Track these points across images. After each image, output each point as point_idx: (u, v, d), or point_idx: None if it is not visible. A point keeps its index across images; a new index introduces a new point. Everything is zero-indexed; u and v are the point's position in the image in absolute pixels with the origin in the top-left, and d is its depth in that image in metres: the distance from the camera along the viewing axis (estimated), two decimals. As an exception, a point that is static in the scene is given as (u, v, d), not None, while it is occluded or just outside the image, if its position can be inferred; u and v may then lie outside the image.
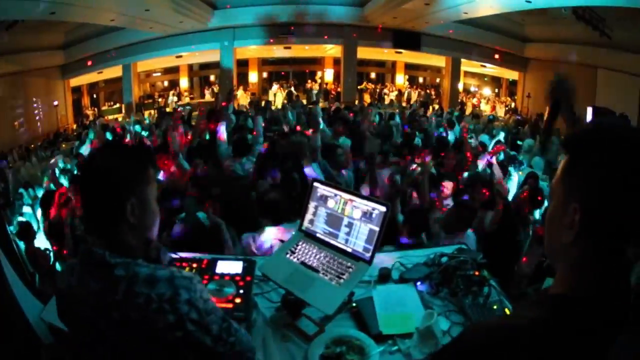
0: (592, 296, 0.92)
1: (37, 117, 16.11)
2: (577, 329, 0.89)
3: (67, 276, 1.45)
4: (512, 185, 6.55)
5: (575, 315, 0.91)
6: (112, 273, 1.34)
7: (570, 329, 0.89)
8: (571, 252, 0.96)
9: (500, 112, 20.01)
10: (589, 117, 13.05)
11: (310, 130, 5.94)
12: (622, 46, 12.85)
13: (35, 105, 16.04)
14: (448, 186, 4.97)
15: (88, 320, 1.39)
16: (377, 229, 2.09)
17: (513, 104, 20.11)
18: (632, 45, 12.56)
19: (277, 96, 20.68)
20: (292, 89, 21.62)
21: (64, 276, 1.47)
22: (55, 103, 17.06)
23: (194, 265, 2.20)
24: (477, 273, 2.35)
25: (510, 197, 5.39)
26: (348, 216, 2.19)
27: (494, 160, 6.00)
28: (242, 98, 19.90)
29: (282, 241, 2.69)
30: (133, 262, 1.37)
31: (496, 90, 21.84)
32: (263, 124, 6.92)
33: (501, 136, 10.04)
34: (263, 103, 14.90)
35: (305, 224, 2.34)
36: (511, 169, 6.75)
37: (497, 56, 18.77)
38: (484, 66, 20.69)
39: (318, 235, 2.28)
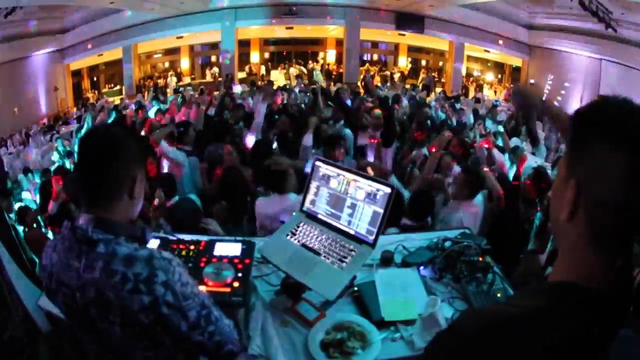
0: (589, 285, 0.87)
1: (37, 102, 16.01)
2: (574, 320, 0.85)
3: (51, 252, 1.43)
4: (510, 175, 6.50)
5: (572, 305, 0.86)
6: (94, 250, 1.33)
7: (566, 319, 0.85)
8: (569, 232, 0.92)
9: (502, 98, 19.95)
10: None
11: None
12: (627, 40, 12.76)
13: (35, 90, 15.93)
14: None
15: (68, 297, 1.38)
16: (381, 210, 2.04)
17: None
18: (638, 39, 12.47)
19: (279, 77, 20.64)
20: (303, 68, 21.58)
21: (48, 252, 1.45)
22: (55, 87, 16.97)
23: (192, 247, 2.14)
24: (481, 259, 2.32)
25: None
26: (351, 197, 2.13)
27: (491, 145, 5.97)
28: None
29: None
30: (115, 239, 1.36)
31: (499, 76, 21.73)
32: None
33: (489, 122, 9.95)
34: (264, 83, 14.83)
35: (307, 204, 2.29)
36: (513, 158, 6.66)
37: (501, 42, 18.66)
38: (488, 51, 20.56)
39: (320, 216, 2.23)
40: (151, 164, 5.45)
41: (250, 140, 6.23)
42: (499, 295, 2.14)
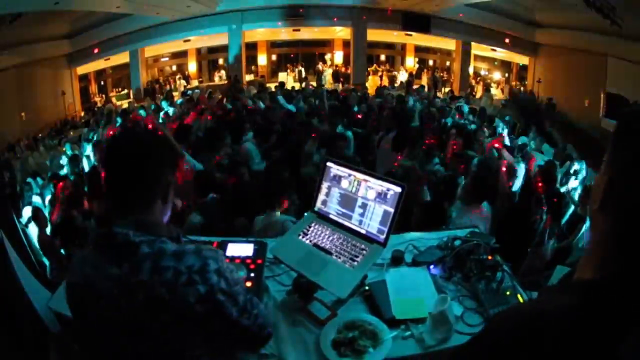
0: (619, 281, 0.88)
1: (44, 107, 16.07)
2: (607, 316, 0.85)
3: (81, 267, 1.41)
4: (519, 174, 6.48)
5: (605, 301, 0.87)
6: (137, 252, 1.32)
7: (601, 316, 0.86)
8: (600, 227, 0.95)
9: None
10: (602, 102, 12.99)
11: None
12: (632, 35, 12.70)
13: (42, 95, 15.99)
14: None
15: (108, 308, 1.35)
16: (392, 210, 2.06)
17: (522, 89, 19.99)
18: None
19: (288, 79, 20.67)
20: (302, 69, 21.62)
21: (76, 269, 1.44)
22: (63, 92, 17.04)
23: (203, 248, 2.17)
24: (490, 257, 2.33)
25: (516, 187, 5.32)
26: (362, 197, 2.15)
27: (500, 145, 5.96)
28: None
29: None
30: (158, 239, 1.36)
31: (506, 75, 21.67)
32: None
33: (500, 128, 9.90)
34: (274, 86, 14.82)
35: (318, 204, 2.31)
36: (518, 158, 6.64)
37: (507, 40, 18.61)
38: (494, 50, 20.52)
39: (331, 216, 2.25)
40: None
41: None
42: (508, 293, 2.15)
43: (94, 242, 1.42)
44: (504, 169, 5.16)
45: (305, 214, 2.36)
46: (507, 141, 7.11)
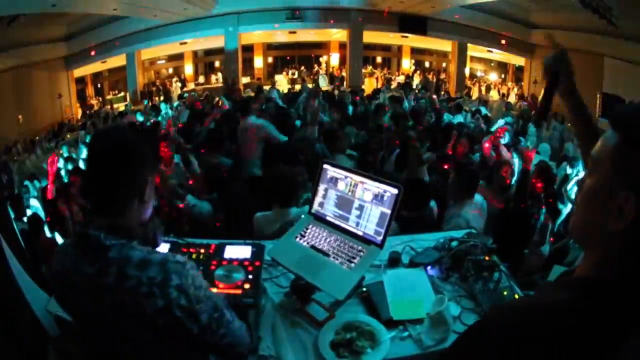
0: (630, 283, 0.86)
1: (41, 109, 16.03)
2: (610, 313, 0.84)
3: (62, 258, 1.44)
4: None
5: (610, 298, 0.85)
6: (106, 255, 1.34)
7: (604, 312, 0.84)
8: (613, 240, 0.88)
9: (511, 97, 19.86)
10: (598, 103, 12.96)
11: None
12: (629, 35, 12.72)
13: (39, 97, 15.94)
14: None
15: (81, 302, 1.40)
16: (388, 211, 2.06)
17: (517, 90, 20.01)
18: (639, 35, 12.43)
19: (283, 82, 20.65)
20: (296, 72, 21.64)
21: (59, 258, 1.46)
22: (59, 95, 17.00)
23: (202, 250, 2.17)
24: (487, 258, 2.34)
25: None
26: (359, 199, 2.16)
27: (500, 142, 5.94)
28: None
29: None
30: (128, 244, 1.37)
31: (502, 76, 21.69)
32: None
33: (501, 122, 9.90)
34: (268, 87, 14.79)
35: (315, 207, 2.31)
36: (514, 154, 6.64)
37: (503, 42, 18.63)
38: (491, 51, 20.53)
39: (328, 218, 2.25)
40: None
41: None
42: (505, 293, 2.16)
43: (73, 238, 1.44)
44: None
45: (302, 216, 2.36)
46: (504, 140, 7.06)
